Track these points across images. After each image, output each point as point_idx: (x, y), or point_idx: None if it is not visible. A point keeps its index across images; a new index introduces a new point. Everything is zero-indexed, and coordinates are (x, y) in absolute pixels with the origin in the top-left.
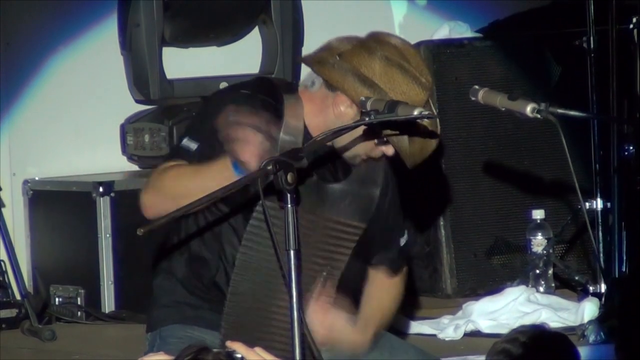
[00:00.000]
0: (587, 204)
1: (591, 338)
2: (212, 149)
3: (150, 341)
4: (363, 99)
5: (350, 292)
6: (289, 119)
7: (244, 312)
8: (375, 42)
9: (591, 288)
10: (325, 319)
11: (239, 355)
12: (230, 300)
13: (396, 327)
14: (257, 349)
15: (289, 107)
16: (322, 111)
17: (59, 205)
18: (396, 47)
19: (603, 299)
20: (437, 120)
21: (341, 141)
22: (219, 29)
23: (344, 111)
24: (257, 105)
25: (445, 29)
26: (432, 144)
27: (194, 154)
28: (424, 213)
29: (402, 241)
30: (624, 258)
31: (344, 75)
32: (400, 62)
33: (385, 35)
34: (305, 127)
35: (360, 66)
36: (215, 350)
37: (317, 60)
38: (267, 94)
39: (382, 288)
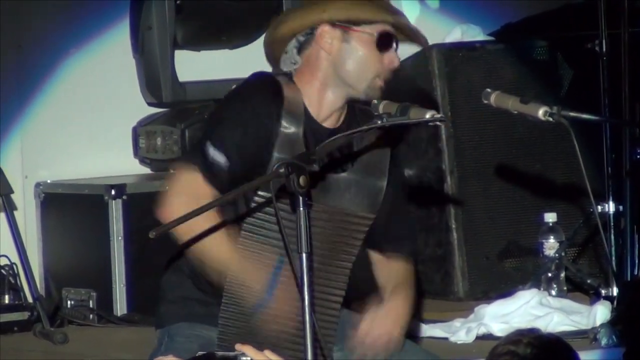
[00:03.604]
0: (599, 207)
1: (603, 341)
2: (240, 167)
3: (159, 339)
4: (375, 102)
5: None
6: (288, 108)
7: (239, 316)
8: None
9: (603, 291)
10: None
11: (247, 358)
12: (224, 306)
13: (408, 330)
14: (267, 352)
15: (287, 97)
16: (315, 71)
17: (71, 208)
18: None
19: (615, 303)
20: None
21: (351, 75)
22: (231, 32)
23: (330, 42)
24: (259, 103)
25: (458, 32)
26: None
27: (226, 171)
28: (436, 216)
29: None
30: (636, 261)
31: (304, 12)
32: None
33: None
34: (305, 110)
35: None
36: (220, 354)
37: (276, 37)
38: (269, 90)
39: (398, 264)
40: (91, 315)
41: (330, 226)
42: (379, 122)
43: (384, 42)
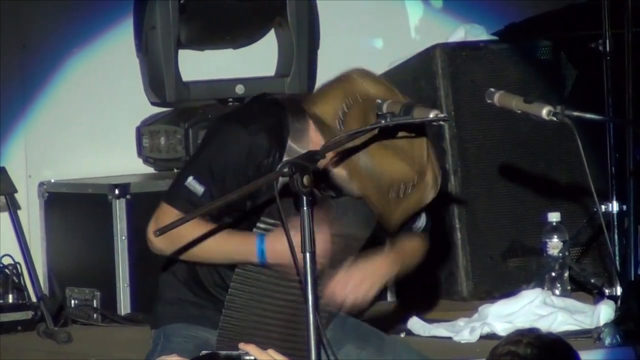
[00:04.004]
0: (603, 207)
1: (607, 341)
2: (219, 192)
3: (154, 339)
4: (379, 101)
5: None
6: (292, 145)
7: (239, 327)
8: None
9: (607, 291)
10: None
11: (251, 357)
12: (225, 314)
13: (412, 329)
14: (270, 351)
15: (293, 135)
16: None
17: (75, 208)
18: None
19: (619, 302)
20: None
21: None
22: (235, 32)
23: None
24: (260, 139)
25: (461, 32)
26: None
27: (201, 198)
28: (439, 216)
29: (419, 224)
30: None
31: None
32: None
33: None
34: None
35: None
36: (224, 353)
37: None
38: (271, 122)
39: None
40: (95, 315)
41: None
42: (383, 121)
43: None
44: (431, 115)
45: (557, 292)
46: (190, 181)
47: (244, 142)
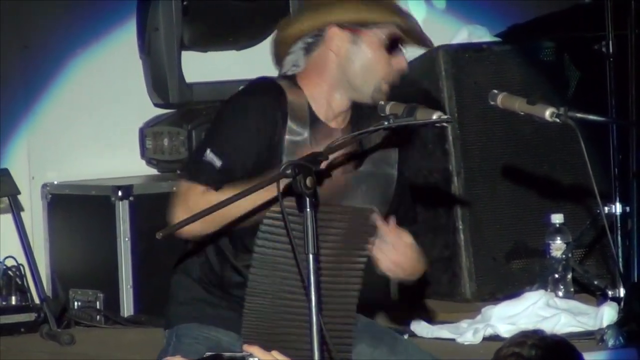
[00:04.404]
0: (606, 209)
1: (610, 342)
2: (235, 164)
3: (167, 339)
4: (382, 103)
5: None
6: (292, 112)
7: (264, 312)
8: None
9: (610, 292)
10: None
11: (255, 359)
12: (248, 301)
13: (415, 331)
14: (274, 352)
15: (291, 101)
16: (322, 72)
17: (78, 209)
18: None
19: (622, 304)
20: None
21: (358, 77)
22: (238, 33)
23: (339, 44)
24: (264, 108)
25: (464, 33)
26: None
27: (220, 171)
28: (442, 217)
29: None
30: None
31: (313, 13)
32: None
33: None
34: (310, 112)
35: None
36: (228, 355)
37: (283, 37)
38: (272, 95)
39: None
40: (98, 317)
41: (344, 226)
42: (386, 123)
43: (393, 45)
44: (434, 117)
45: (560, 293)
46: (208, 154)
47: (254, 107)
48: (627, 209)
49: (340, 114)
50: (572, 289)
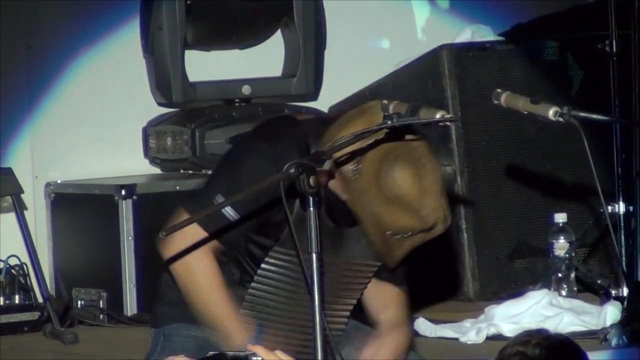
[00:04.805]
0: (610, 208)
1: (613, 342)
2: (252, 221)
3: (154, 338)
4: (385, 102)
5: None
6: None
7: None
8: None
9: (613, 292)
10: None
11: (258, 358)
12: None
13: (418, 330)
14: (278, 352)
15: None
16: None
17: (81, 208)
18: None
19: (625, 303)
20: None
21: None
22: (241, 32)
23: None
24: (287, 154)
25: (468, 32)
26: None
27: (230, 225)
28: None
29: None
30: None
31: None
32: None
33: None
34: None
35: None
36: (231, 353)
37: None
38: (296, 141)
39: (392, 294)
40: (101, 316)
41: (339, 275)
42: (389, 122)
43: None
44: (438, 116)
45: (564, 293)
46: (226, 207)
47: (271, 157)
48: (631, 208)
49: None
50: (575, 288)
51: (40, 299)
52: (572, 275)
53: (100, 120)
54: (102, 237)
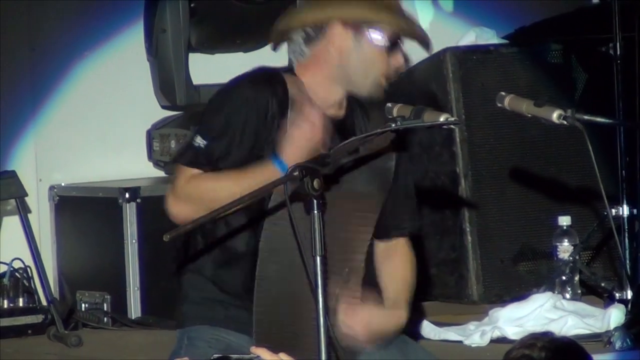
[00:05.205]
0: (614, 211)
1: (617, 344)
2: (220, 145)
3: (179, 339)
4: (389, 105)
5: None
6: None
7: (274, 301)
8: None
9: (617, 295)
10: (360, 319)
11: None
12: (259, 285)
13: (422, 333)
14: (282, 355)
15: (291, 90)
16: (322, 65)
17: (85, 211)
18: None
19: (629, 306)
20: None
21: (357, 73)
22: (245, 35)
23: (341, 41)
24: (263, 96)
25: (472, 35)
26: None
27: (204, 151)
28: (450, 219)
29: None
30: None
31: (319, 7)
32: None
33: None
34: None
35: None
36: (235, 357)
37: (286, 25)
38: (270, 80)
39: (401, 260)
40: (105, 318)
41: (345, 210)
42: (393, 125)
43: (393, 45)
44: (442, 119)
45: (568, 295)
46: (197, 139)
47: (245, 92)
48: (635, 211)
49: (336, 103)
50: (579, 291)
51: (44, 302)
52: (576, 278)
53: (103, 123)
54: (106, 240)
